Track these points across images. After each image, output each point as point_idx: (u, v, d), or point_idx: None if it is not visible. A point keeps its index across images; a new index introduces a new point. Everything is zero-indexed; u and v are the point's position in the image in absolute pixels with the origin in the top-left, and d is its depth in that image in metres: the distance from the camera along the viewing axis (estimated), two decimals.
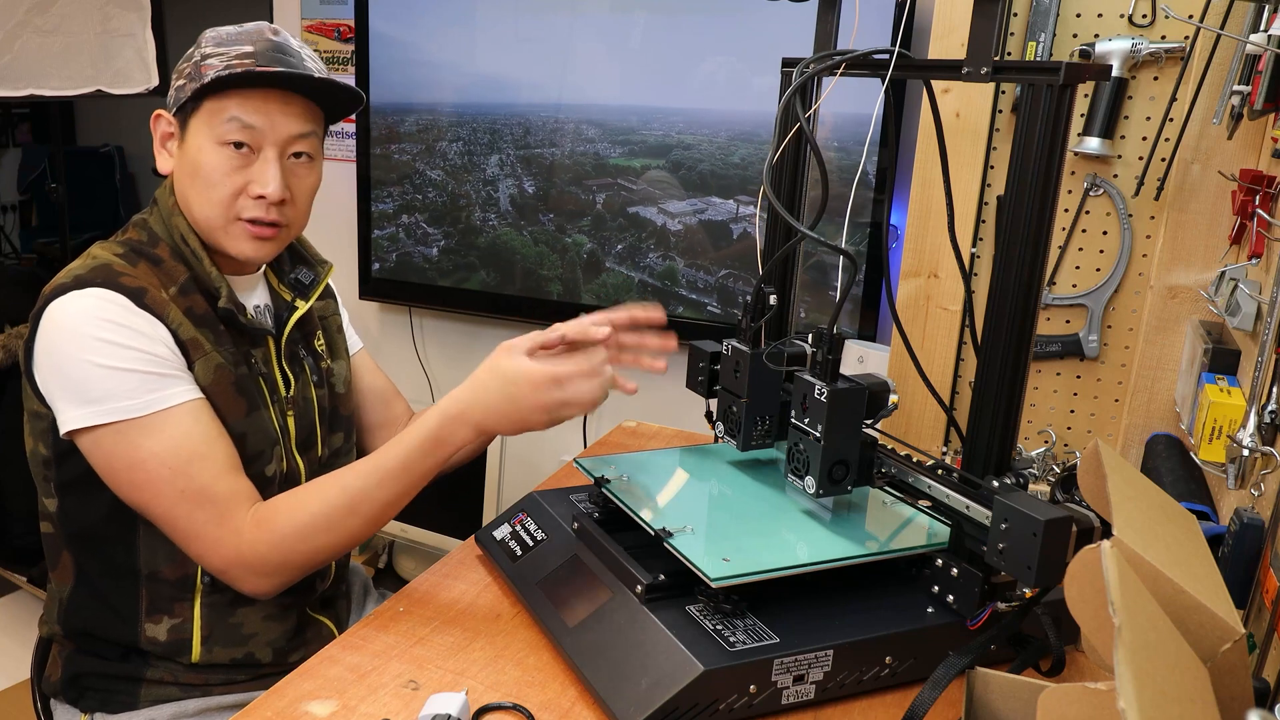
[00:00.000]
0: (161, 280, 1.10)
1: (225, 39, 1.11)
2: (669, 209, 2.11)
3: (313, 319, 1.29)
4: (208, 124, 1.10)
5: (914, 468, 0.99)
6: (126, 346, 1.03)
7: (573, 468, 1.21)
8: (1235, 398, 1.19)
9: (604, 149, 2.17)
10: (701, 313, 2.11)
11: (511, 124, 2.27)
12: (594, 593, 0.96)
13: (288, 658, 1.20)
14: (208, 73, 1.08)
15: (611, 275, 2.23)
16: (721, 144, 2.02)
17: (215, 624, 1.15)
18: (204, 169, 1.10)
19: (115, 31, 2.59)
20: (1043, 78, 0.86)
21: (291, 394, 1.21)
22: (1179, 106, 1.46)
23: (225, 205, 1.11)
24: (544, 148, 2.24)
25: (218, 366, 1.10)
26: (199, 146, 1.10)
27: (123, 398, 1.03)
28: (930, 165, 1.61)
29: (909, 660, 0.92)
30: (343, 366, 1.32)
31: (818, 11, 1.07)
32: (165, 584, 1.13)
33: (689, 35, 2.05)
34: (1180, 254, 1.50)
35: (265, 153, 1.11)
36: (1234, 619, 0.66)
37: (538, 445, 2.49)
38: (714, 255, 2.08)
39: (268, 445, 1.15)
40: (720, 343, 1.11)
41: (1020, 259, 0.90)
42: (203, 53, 1.10)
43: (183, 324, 1.08)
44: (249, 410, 1.13)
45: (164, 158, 1.16)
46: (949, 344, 1.65)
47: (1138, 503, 0.74)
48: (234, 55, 1.09)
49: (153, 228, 1.15)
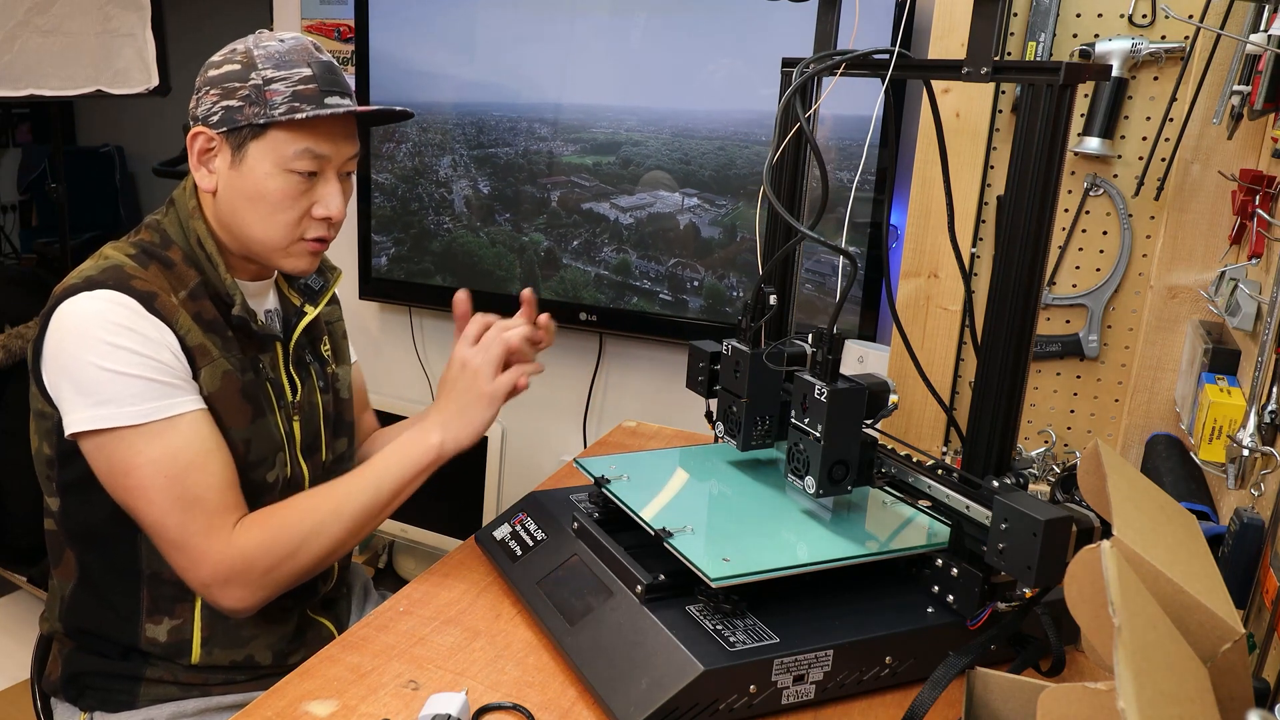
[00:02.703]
0: (172, 284, 1.10)
1: (281, 59, 1.09)
2: (620, 204, 2.17)
3: (319, 325, 1.30)
4: (275, 151, 1.09)
5: (914, 468, 0.99)
6: (133, 352, 1.03)
7: (573, 468, 1.21)
8: (1235, 398, 1.19)
9: (557, 148, 2.22)
10: (654, 301, 2.18)
11: (465, 124, 2.31)
12: (594, 593, 0.96)
13: (287, 659, 1.20)
14: (274, 98, 1.07)
15: (569, 271, 2.27)
16: (666, 140, 2.09)
17: (215, 626, 1.15)
18: (271, 194, 1.10)
19: (115, 31, 2.59)
20: (1043, 78, 0.86)
21: (298, 399, 1.21)
22: (1179, 106, 1.46)
23: (291, 228, 1.12)
24: (497, 147, 2.29)
25: (225, 373, 1.10)
26: (266, 172, 1.09)
27: (126, 403, 1.03)
28: (930, 165, 1.61)
29: (909, 660, 0.92)
30: (346, 372, 1.33)
31: (818, 11, 1.07)
32: (167, 585, 1.13)
33: (686, 36, 2.05)
34: (1180, 254, 1.50)
35: (328, 175, 1.13)
36: (1234, 619, 0.66)
37: (538, 445, 2.49)
38: (664, 246, 2.15)
39: (271, 451, 1.15)
40: (720, 343, 1.11)
41: (1020, 259, 0.90)
42: (263, 75, 1.08)
43: (191, 330, 1.08)
44: (254, 416, 1.13)
45: (205, 175, 1.13)
46: (949, 344, 1.65)
47: (1138, 503, 0.74)
48: (297, 80, 1.08)
49: (166, 230, 1.15)
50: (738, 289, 2.06)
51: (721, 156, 2.04)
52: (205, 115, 1.10)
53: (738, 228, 2.06)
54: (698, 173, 2.07)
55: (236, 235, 1.14)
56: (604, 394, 2.40)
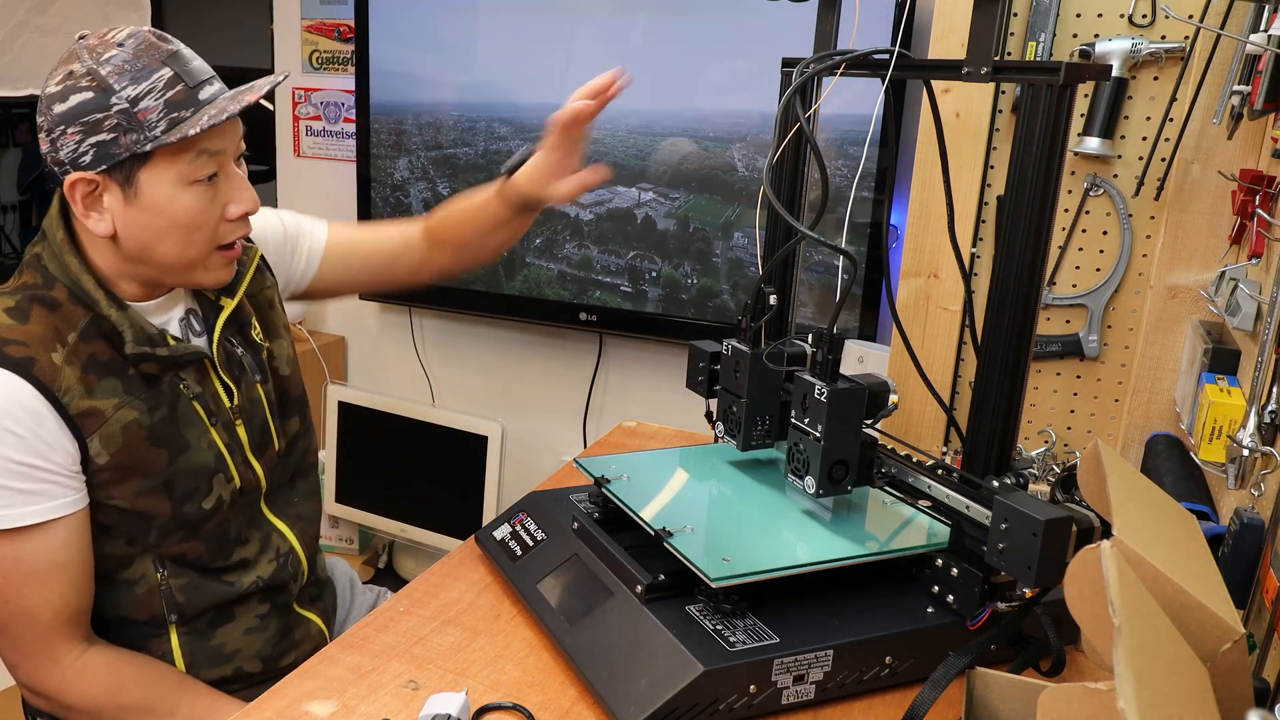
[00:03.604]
0: (59, 328, 1.02)
1: (133, 69, 0.98)
2: (580, 200, 2.21)
3: (244, 308, 1.19)
4: (171, 169, 1.00)
5: (914, 468, 0.99)
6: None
7: (573, 468, 1.21)
8: (1235, 398, 1.19)
9: (516, 147, 2.25)
10: (615, 294, 2.22)
11: (422, 125, 2.34)
12: (594, 593, 0.96)
13: (278, 663, 1.20)
14: (149, 117, 0.98)
15: (532, 270, 2.30)
16: (622, 137, 2.14)
17: (196, 650, 1.15)
18: (181, 215, 1.02)
19: None
20: (1043, 78, 0.86)
21: (236, 402, 1.15)
22: (1179, 106, 1.46)
23: (208, 242, 1.06)
24: (456, 148, 2.31)
25: (125, 426, 1.04)
26: (167, 196, 1.01)
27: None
28: (930, 165, 1.61)
29: (909, 660, 0.92)
30: (283, 345, 1.24)
31: (818, 11, 1.07)
32: (137, 625, 1.13)
33: (686, 37, 2.05)
34: (1180, 254, 1.50)
35: (228, 169, 1.06)
36: (1234, 619, 0.66)
37: (538, 445, 2.49)
38: (622, 240, 2.21)
39: (202, 480, 1.10)
40: (720, 343, 1.11)
41: (1020, 259, 0.90)
42: (125, 96, 0.97)
43: (74, 392, 1.00)
44: (172, 457, 1.08)
45: (97, 220, 1.02)
46: (949, 344, 1.65)
47: (1138, 503, 0.74)
48: (163, 86, 0.99)
49: (47, 266, 1.05)
50: (692, 276, 2.15)
51: (674, 152, 2.10)
52: (73, 159, 0.99)
53: (690, 219, 2.13)
54: (652, 168, 2.14)
55: (149, 265, 1.06)
56: (604, 394, 2.40)
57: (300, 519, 1.25)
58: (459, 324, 2.55)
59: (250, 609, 1.19)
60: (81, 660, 1.08)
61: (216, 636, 1.16)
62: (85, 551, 1.06)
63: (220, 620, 1.16)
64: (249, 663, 1.18)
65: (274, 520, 1.22)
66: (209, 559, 1.14)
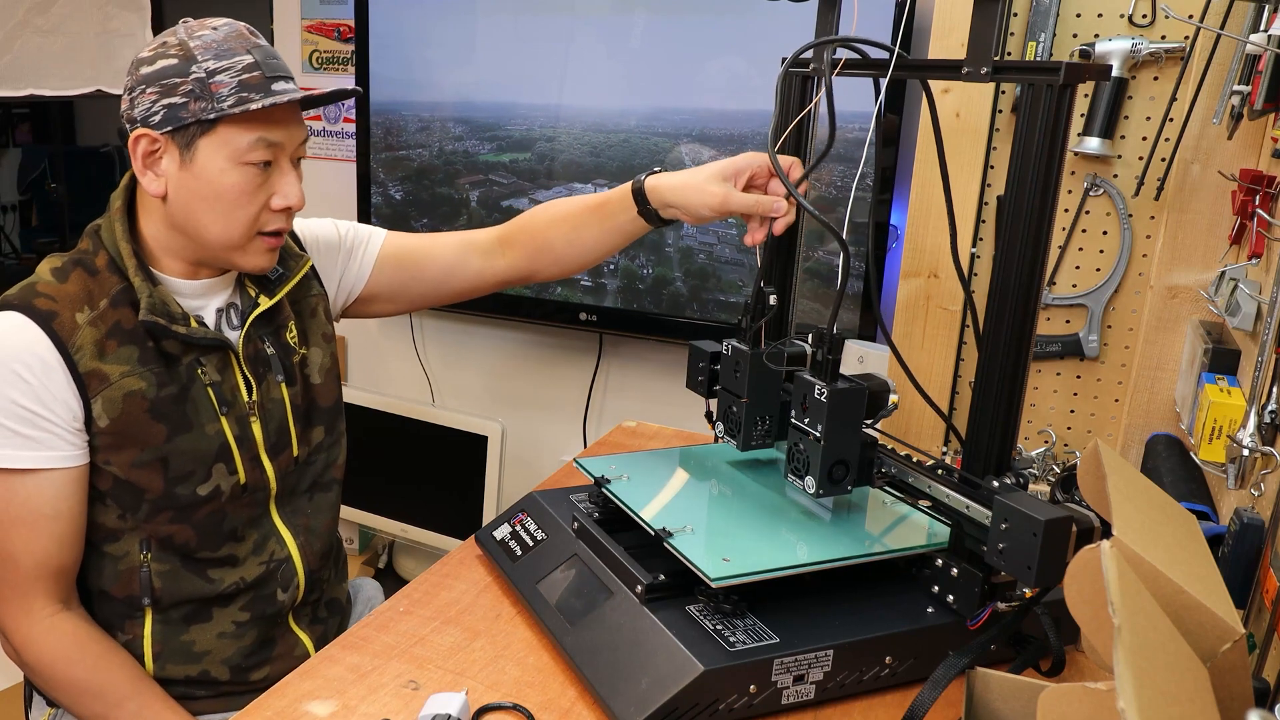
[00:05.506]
0: (92, 292, 1.07)
1: (219, 48, 1.05)
2: (538, 198, 2.21)
3: (284, 309, 1.22)
4: (228, 145, 1.05)
5: (914, 468, 0.99)
6: (3, 395, 1.03)
7: (573, 468, 1.21)
8: (1235, 398, 1.19)
9: (473, 146, 2.27)
10: (576, 288, 2.23)
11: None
12: (594, 593, 0.96)
13: (248, 675, 1.19)
14: (221, 90, 1.03)
15: None
16: (577, 134, 2.16)
17: (166, 642, 1.15)
18: (227, 191, 1.06)
19: (115, 31, 2.59)
20: (1043, 78, 0.86)
21: (254, 398, 1.16)
22: (1179, 106, 1.46)
23: (249, 224, 1.09)
24: (410, 149, 2.32)
25: (127, 394, 1.06)
26: (220, 169, 1.06)
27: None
28: (930, 165, 1.61)
29: (909, 660, 0.92)
30: (318, 354, 1.26)
31: (818, 11, 1.07)
32: (115, 602, 1.14)
33: (684, 36, 2.05)
34: (1180, 254, 1.50)
35: (282, 164, 1.10)
36: (1234, 619, 0.66)
37: (538, 445, 2.49)
38: None
39: (200, 464, 1.11)
40: (720, 342, 1.11)
41: (1020, 259, 0.90)
42: (205, 68, 1.04)
43: (87, 351, 1.05)
44: (171, 434, 1.09)
45: (152, 179, 1.07)
46: (949, 344, 1.65)
47: (1138, 503, 0.74)
48: (241, 69, 1.04)
49: (100, 234, 1.11)
50: (648, 266, 2.17)
51: (626, 149, 2.12)
52: (145, 116, 1.05)
53: None
54: (606, 165, 2.15)
55: (192, 237, 1.10)
56: (604, 394, 2.40)
57: (308, 530, 1.24)
58: (459, 324, 2.55)
59: (229, 614, 1.18)
60: (51, 620, 1.09)
61: (189, 633, 1.16)
62: (77, 510, 1.08)
63: (196, 617, 1.16)
64: (217, 668, 1.17)
65: (279, 525, 1.21)
66: (196, 546, 1.14)
